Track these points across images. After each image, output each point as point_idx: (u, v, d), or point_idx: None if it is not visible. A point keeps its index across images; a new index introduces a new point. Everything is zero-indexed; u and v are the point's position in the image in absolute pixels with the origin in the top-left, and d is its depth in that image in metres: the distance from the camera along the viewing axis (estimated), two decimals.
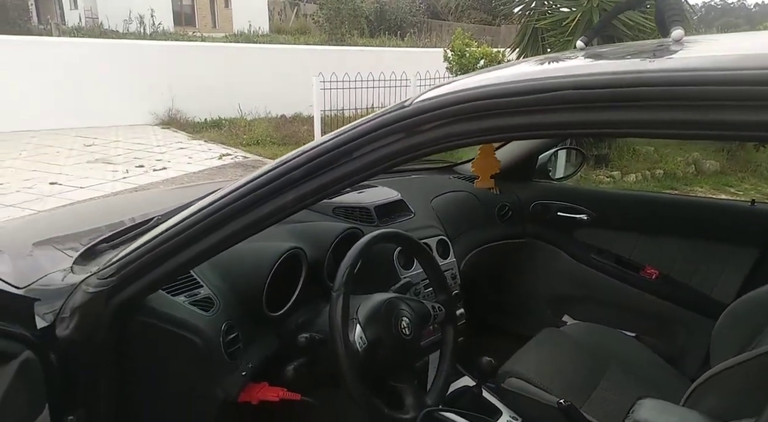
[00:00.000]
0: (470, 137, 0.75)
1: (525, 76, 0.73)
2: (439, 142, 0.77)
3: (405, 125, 0.78)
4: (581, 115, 0.65)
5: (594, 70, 0.70)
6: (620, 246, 1.89)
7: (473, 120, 0.73)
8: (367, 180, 0.85)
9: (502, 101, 0.69)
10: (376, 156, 0.81)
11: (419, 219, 1.66)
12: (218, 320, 1.08)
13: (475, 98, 0.72)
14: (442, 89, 0.84)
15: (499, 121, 0.71)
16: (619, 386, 1.56)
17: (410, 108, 0.78)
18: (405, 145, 0.79)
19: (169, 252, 0.93)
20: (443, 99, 0.75)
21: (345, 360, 1.01)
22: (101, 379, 1.01)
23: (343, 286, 1.05)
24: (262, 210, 0.88)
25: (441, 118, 0.75)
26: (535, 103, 0.68)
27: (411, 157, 0.81)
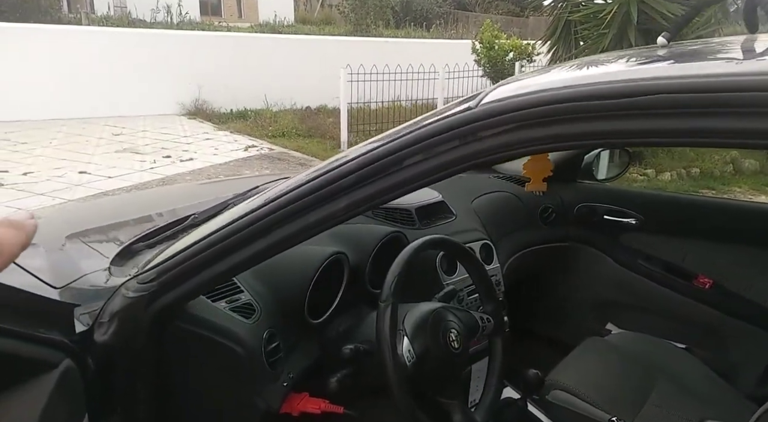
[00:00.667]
0: (545, 143, 0.68)
1: (615, 77, 0.65)
2: (509, 148, 0.70)
3: (470, 129, 0.71)
4: (683, 122, 0.58)
5: (694, 71, 0.62)
6: (670, 253, 1.79)
7: (552, 125, 0.65)
8: (424, 187, 0.79)
9: (591, 104, 0.62)
10: (436, 162, 0.74)
11: (461, 221, 1.59)
12: (260, 328, 1.03)
13: (558, 100, 0.64)
14: (510, 89, 0.77)
15: (584, 126, 0.64)
16: (671, 402, 1.48)
17: (476, 110, 0.71)
18: (469, 151, 0.72)
19: (212, 259, 0.88)
20: (517, 101, 0.68)
21: (394, 374, 0.96)
22: (139, 386, 0.97)
23: (391, 296, 0.99)
24: (311, 217, 0.82)
25: (513, 122, 0.68)
26: (628, 108, 0.60)
27: (474, 165, 0.74)
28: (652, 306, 1.82)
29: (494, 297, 1.21)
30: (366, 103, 7.16)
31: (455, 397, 1.07)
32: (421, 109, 7.88)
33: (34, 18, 9.78)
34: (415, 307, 1.11)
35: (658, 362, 1.62)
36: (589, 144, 0.68)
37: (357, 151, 0.80)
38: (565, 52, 7.20)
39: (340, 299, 1.21)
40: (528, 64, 9.36)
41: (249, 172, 5.82)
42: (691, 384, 1.56)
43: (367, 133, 7.21)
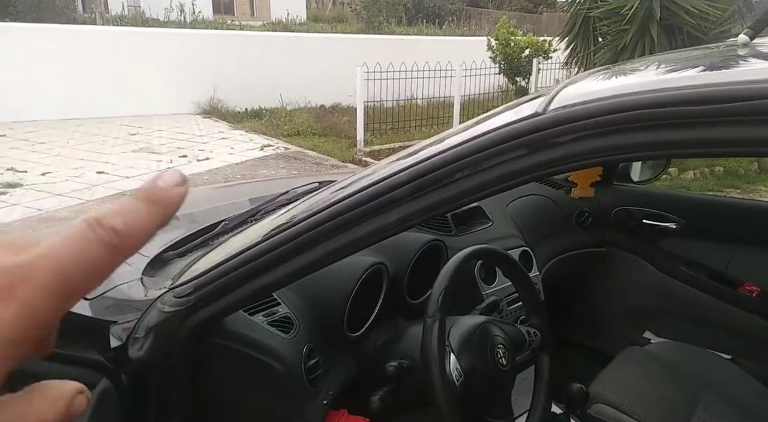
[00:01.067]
0: (626, 152, 0.62)
1: (706, 80, 0.59)
2: (580, 157, 0.64)
3: (539, 137, 0.65)
4: None
5: None
6: (714, 259, 1.72)
7: (638, 131, 0.60)
8: (484, 199, 0.73)
9: (682, 110, 0.56)
10: (499, 172, 0.68)
11: (498, 227, 1.53)
12: (299, 343, 0.98)
13: (642, 105, 0.58)
14: (581, 92, 0.71)
15: (673, 134, 0.58)
16: (718, 417, 1.41)
17: (546, 117, 0.66)
18: (537, 161, 0.66)
19: (254, 273, 0.84)
20: (594, 106, 0.62)
21: (442, 393, 0.90)
22: (173, 403, 0.93)
23: (438, 312, 0.94)
24: (360, 230, 0.77)
25: (589, 129, 0.62)
26: (726, 114, 0.54)
27: (540, 175, 0.68)
28: (694, 314, 1.74)
29: (541, 310, 1.15)
30: (381, 101, 7.10)
31: (503, 417, 1.02)
32: (436, 107, 7.80)
33: (49, 18, 9.84)
34: (459, 321, 1.05)
35: (702, 373, 1.55)
36: (678, 154, 0.61)
37: (409, 160, 0.75)
38: (584, 49, 7.08)
39: (378, 312, 1.16)
40: (545, 60, 9.25)
41: (265, 172, 5.80)
42: (738, 398, 1.49)
43: (382, 132, 7.15)
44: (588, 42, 7.05)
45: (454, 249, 1.32)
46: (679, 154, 0.62)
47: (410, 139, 7.12)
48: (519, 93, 9.47)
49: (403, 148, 3.21)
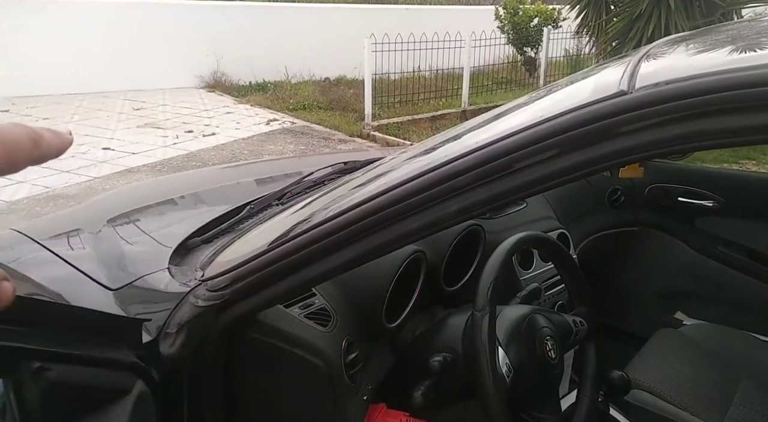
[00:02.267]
0: (731, 137, 0.55)
1: None
2: (673, 142, 0.57)
3: (626, 120, 0.58)
4: None
5: None
6: (754, 238, 1.65)
7: (744, 113, 0.52)
8: (555, 188, 0.66)
9: None
10: (577, 159, 0.61)
11: (533, 209, 1.47)
12: (338, 336, 0.93)
13: (758, 83, 0.51)
14: (671, 65, 0.63)
15: None
16: (760, 401, 1.36)
17: (634, 96, 0.58)
18: (621, 147, 0.59)
19: (295, 267, 0.78)
20: (693, 84, 0.55)
21: (492, 390, 0.85)
22: (207, 400, 0.88)
23: (488, 305, 0.88)
24: (415, 221, 0.70)
25: (685, 110, 0.55)
26: None
27: (626, 161, 0.61)
28: (732, 295, 1.69)
29: (588, 298, 1.10)
30: (387, 73, 6.95)
31: (552, 412, 0.97)
32: (444, 79, 7.64)
33: None
34: (504, 312, 1.00)
35: (740, 356, 1.51)
36: None
37: (476, 144, 0.67)
38: (595, 18, 6.88)
39: (414, 300, 1.10)
40: (554, 30, 9.04)
41: (272, 147, 5.71)
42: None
43: (390, 105, 7.02)
44: (600, 10, 6.84)
45: (490, 233, 1.26)
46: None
47: (418, 112, 7.00)
48: (527, 63, 9.29)
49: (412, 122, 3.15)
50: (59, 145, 0.30)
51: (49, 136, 0.30)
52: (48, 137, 0.30)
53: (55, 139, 0.30)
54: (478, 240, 1.22)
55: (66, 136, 0.31)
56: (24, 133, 0.28)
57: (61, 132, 0.31)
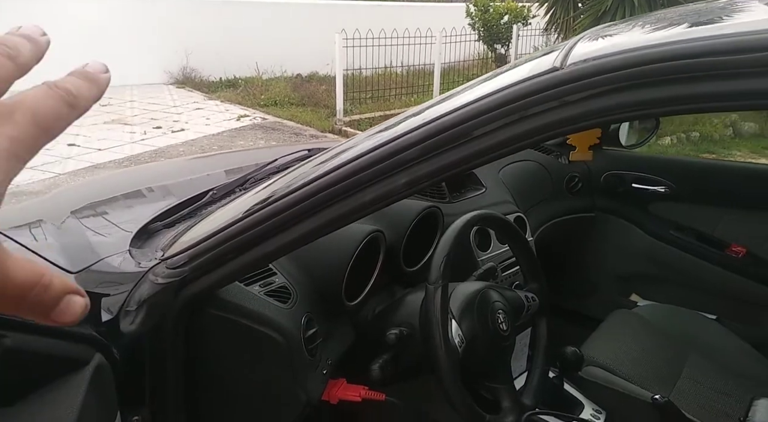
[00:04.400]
0: (653, 107, 0.59)
1: (725, 30, 0.57)
2: (602, 113, 0.61)
3: (558, 93, 0.62)
4: None
5: None
6: (702, 222, 1.73)
7: (656, 86, 0.57)
8: (499, 158, 0.70)
9: (717, 60, 0.53)
10: (516, 131, 0.65)
11: (492, 193, 1.51)
12: (297, 313, 0.95)
13: (664, 58, 0.56)
14: (597, 47, 0.68)
15: (700, 87, 0.55)
16: (706, 375, 1.44)
17: (565, 71, 0.63)
18: (555, 119, 0.63)
19: (251, 242, 0.80)
20: (612, 60, 0.59)
21: (445, 359, 0.89)
22: (168, 377, 0.90)
23: (440, 278, 0.92)
24: (365, 195, 0.73)
25: (609, 84, 0.59)
26: (753, 64, 0.52)
27: (560, 133, 0.65)
28: (682, 276, 1.77)
29: (539, 275, 1.14)
30: (360, 69, 6.96)
31: (504, 382, 1.01)
32: (415, 75, 7.69)
33: None
34: (458, 288, 1.04)
35: (689, 334, 1.58)
36: (704, 108, 0.59)
37: (423, 120, 0.71)
38: (564, 15, 7.03)
39: (374, 280, 1.13)
40: (524, 27, 9.17)
41: (243, 143, 5.68)
42: (724, 357, 1.53)
43: (362, 100, 7.04)
44: (568, 7, 6.99)
45: (449, 216, 1.30)
46: (704, 109, 0.60)
47: (390, 108, 7.03)
48: (498, 60, 9.40)
49: (384, 118, 3.18)
50: (96, 93, 0.27)
51: (86, 88, 0.27)
52: (85, 91, 0.26)
53: (89, 87, 0.27)
54: (436, 223, 1.26)
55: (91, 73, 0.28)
56: (57, 101, 0.25)
57: (88, 72, 0.28)
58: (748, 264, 1.66)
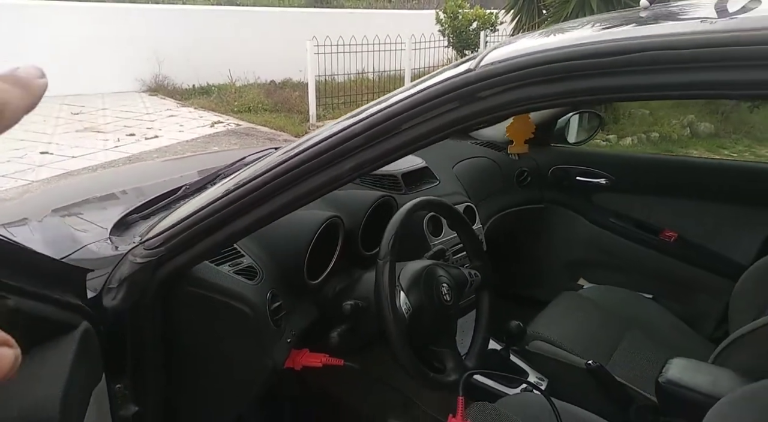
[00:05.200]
0: (543, 101, 0.73)
1: (609, 36, 0.71)
2: (506, 107, 0.75)
3: (471, 90, 0.76)
4: (672, 76, 0.63)
5: (683, 29, 0.68)
6: (639, 210, 1.90)
7: (549, 83, 0.71)
8: (428, 146, 0.83)
9: (587, 62, 0.67)
10: (440, 122, 0.79)
11: (444, 185, 1.65)
12: (263, 289, 1.07)
13: (554, 60, 0.70)
14: (506, 51, 0.82)
15: (582, 83, 0.69)
16: (640, 347, 1.60)
17: (476, 72, 0.76)
18: (470, 111, 0.77)
19: (218, 224, 0.92)
20: (514, 62, 0.73)
21: (393, 325, 1.02)
22: (148, 348, 1.01)
23: (389, 254, 1.05)
24: (317, 180, 0.86)
25: (511, 82, 0.73)
26: (624, 64, 0.66)
27: (476, 123, 0.79)
28: (622, 260, 1.93)
29: (482, 254, 1.28)
30: (332, 75, 7.10)
31: (448, 346, 1.15)
32: (388, 81, 7.86)
33: None
34: (408, 265, 1.17)
35: (628, 312, 1.74)
36: (586, 100, 0.73)
37: (360, 116, 0.84)
38: (528, 21, 7.28)
39: (335, 262, 1.26)
40: (492, 33, 9.42)
41: (217, 148, 5.75)
42: (658, 331, 1.69)
43: (334, 106, 7.17)
44: (532, 14, 7.24)
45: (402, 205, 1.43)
46: (584, 101, 0.74)
47: None
48: None
49: None
50: (28, 102, 0.25)
51: (16, 96, 0.25)
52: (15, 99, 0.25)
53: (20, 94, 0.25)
54: (392, 211, 1.39)
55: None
56: None
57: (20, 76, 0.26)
58: (679, 248, 1.83)
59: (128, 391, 1.00)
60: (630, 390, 1.40)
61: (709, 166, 1.93)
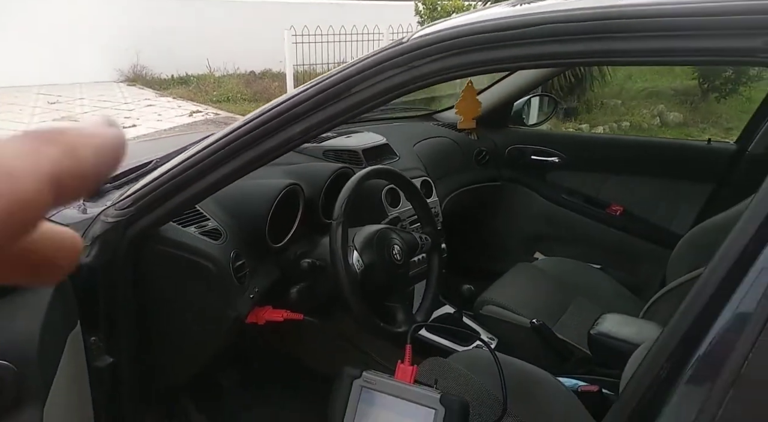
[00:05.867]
0: (465, 69, 0.84)
1: (513, 13, 0.82)
2: (435, 74, 0.86)
3: (403, 60, 0.87)
4: (564, 46, 0.75)
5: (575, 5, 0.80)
6: (589, 186, 2.03)
7: (468, 53, 0.82)
8: (368, 112, 0.94)
9: (493, 35, 0.78)
10: (378, 89, 0.89)
11: (404, 161, 1.76)
12: (227, 248, 1.17)
13: (469, 33, 0.80)
14: (435, 27, 0.92)
15: (492, 53, 0.80)
16: (586, 310, 1.73)
17: (408, 43, 0.87)
18: (404, 79, 0.88)
19: (181, 185, 1.01)
20: (439, 34, 0.84)
21: (346, 280, 1.12)
22: (121, 303, 1.10)
23: (341, 216, 1.15)
24: (270, 143, 0.96)
25: (437, 52, 0.84)
26: (522, 37, 0.77)
27: (409, 90, 0.90)
28: (573, 234, 2.06)
29: (432, 220, 1.39)
30: (312, 65, 7.16)
31: (399, 301, 1.26)
32: None
33: None
34: (363, 228, 1.28)
35: (576, 281, 1.87)
36: (504, 67, 0.84)
37: (313, 82, 0.94)
38: None
39: (297, 229, 1.36)
40: None
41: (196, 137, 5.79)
42: (603, 298, 1.82)
43: None
44: None
45: None
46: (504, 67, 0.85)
47: None
48: None
49: None
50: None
51: None
52: None
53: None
54: None
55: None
56: None
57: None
58: (624, 221, 1.97)
59: (102, 343, 1.10)
60: (569, 346, 1.53)
61: (652, 145, 2.07)
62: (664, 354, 0.60)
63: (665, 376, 0.59)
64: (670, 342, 0.61)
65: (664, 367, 0.59)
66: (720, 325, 0.56)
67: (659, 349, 0.62)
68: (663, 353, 0.61)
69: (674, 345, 0.60)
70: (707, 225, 1.58)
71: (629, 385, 0.65)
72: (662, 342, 0.63)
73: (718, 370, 0.53)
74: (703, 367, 0.56)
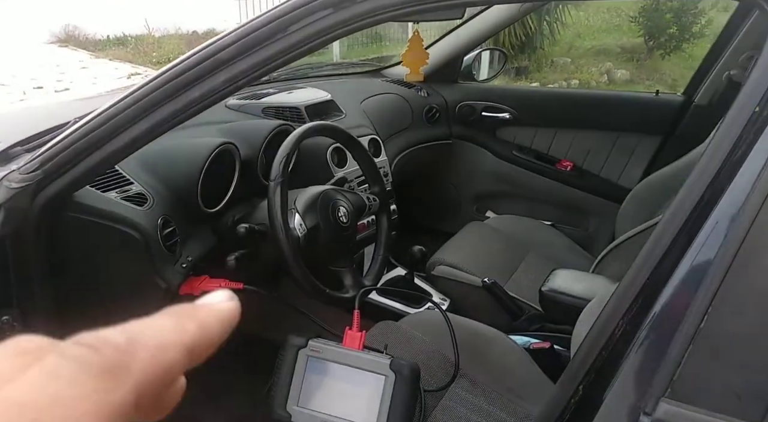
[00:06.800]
0: (396, 9, 0.76)
1: None
2: (366, 15, 0.78)
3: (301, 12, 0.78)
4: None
5: None
6: (539, 142, 2.00)
7: None
8: (300, 58, 0.85)
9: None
10: (309, 31, 0.80)
11: (350, 119, 1.67)
12: (153, 214, 1.07)
13: None
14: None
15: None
16: (537, 267, 1.72)
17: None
18: (336, 20, 0.79)
19: (93, 144, 0.90)
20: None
21: (287, 245, 1.05)
22: (33, 276, 0.99)
23: (280, 175, 1.07)
24: (191, 93, 0.86)
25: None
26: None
27: (342, 32, 0.81)
28: (525, 191, 2.04)
29: (380, 180, 1.32)
30: None
31: (346, 266, 1.20)
32: None
33: None
34: (305, 190, 1.20)
35: (528, 237, 1.86)
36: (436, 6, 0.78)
37: (237, 26, 0.84)
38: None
39: (235, 191, 1.26)
40: None
41: None
42: (555, 253, 1.82)
43: None
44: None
45: None
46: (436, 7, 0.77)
47: None
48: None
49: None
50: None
51: None
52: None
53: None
54: None
55: None
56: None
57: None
58: (574, 177, 1.95)
59: (17, 323, 0.99)
60: (520, 303, 1.52)
61: (603, 98, 2.04)
62: (620, 310, 0.57)
63: (621, 333, 0.56)
64: (625, 298, 0.57)
65: (620, 325, 0.56)
66: (678, 278, 0.52)
67: (614, 305, 0.58)
68: (619, 309, 0.57)
69: (630, 300, 0.56)
70: (653, 180, 1.58)
71: (585, 343, 0.61)
72: (617, 297, 0.59)
73: (677, 325, 0.50)
74: (661, 322, 0.53)
